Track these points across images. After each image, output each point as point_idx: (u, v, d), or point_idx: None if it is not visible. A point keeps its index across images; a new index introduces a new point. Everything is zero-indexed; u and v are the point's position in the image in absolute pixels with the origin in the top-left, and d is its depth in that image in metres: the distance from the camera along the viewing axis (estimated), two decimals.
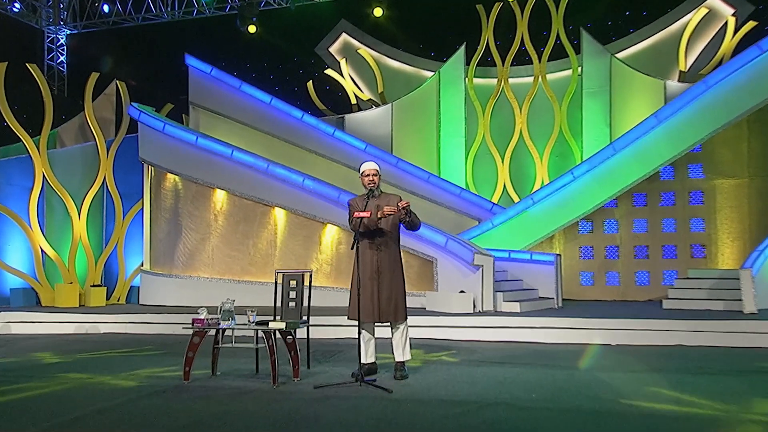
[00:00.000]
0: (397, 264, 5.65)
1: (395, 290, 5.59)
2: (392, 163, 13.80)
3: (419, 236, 10.95)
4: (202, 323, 5.31)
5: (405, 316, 5.67)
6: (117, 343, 8.24)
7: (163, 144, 12.02)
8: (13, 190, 11.93)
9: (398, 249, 5.71)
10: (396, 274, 5.62)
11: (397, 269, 5.63)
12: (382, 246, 5.57)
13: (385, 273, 5.58)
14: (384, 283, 5.56)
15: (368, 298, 5.57)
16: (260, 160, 11.61)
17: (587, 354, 7.14)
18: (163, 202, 12.16)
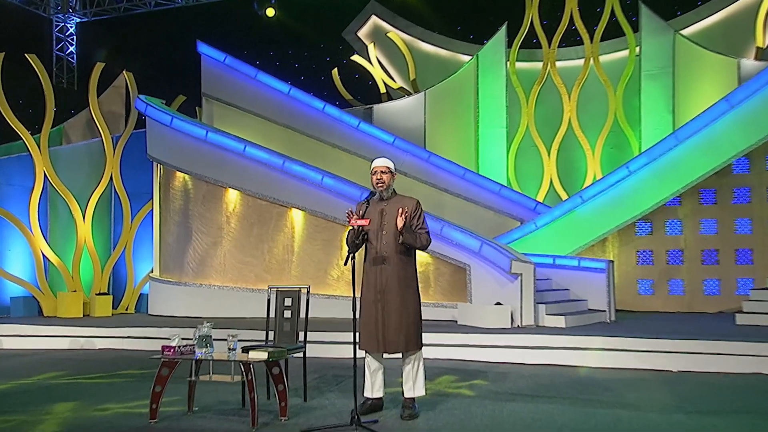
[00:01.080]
0: (408, 282, 4.95)
1: (406, 316, 4.91)
2: (423, 158, 13.13)
3: (450, 240, 10.27)
4: (171, 352, 4.77)
5: (419, 345, 5.00)
6: (107, 363, 7.83)
7: (172, 140, 11.64)
8: (13, 190, 11.72)
9: (412, 263, 5.00)
10: (407, 296, 4.92)
11: (408, 289, 4.94)
12: (388, 260, 4.88)
13: (392, 294, 4.90)
14: (391, 307, 4.89)
15: (372, 324, 4.93)
16: (276, 156, 11.11)
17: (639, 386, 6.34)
18: (172, 203, 11.78)
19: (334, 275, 11.03)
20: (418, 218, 4.98)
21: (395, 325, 4.87)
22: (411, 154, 13.13)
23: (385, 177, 5.00)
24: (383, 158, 5.09)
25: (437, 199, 13.02)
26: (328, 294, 10.89)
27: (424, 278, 10.61)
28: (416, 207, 5.03)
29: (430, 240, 5.01)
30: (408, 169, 13.11)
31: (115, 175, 12.47)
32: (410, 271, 4.98)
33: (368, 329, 4.94)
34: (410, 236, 4.83)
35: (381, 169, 5.01)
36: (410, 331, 4.90)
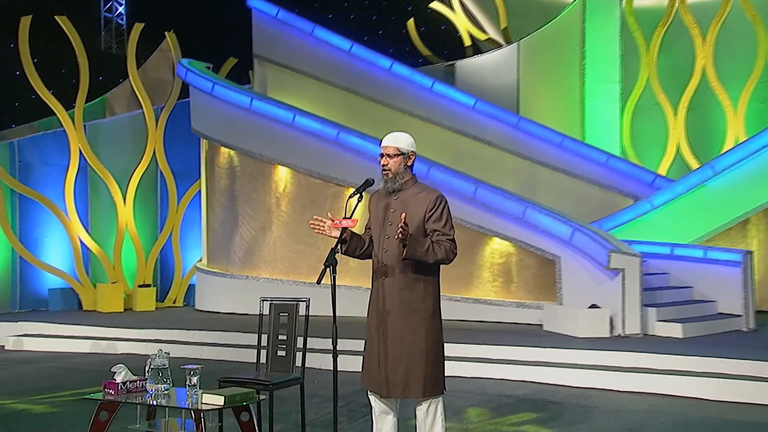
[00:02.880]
0: (415, 305, 3.96)
1: (408, 350, 3.94)
2: (511, 123, 11.93)
3: (536, 226, 9.18)
4: (114, 391, 4.11)
5: (428, 391, 4.02)
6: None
7: (214, 110, 11.16)
8: (50, 171, 11.67)
9: (424, 279, 3.99)
10: (413, 323, 3.94)
11: (413, 314, 3.95)
12: (390, 273, 3.96)
13: (393, 320, 3.95)
14: (390, 337, 3.96)
15: (373, 357, 4.04)
16: (329, 127, 10.36)
17: None
18: (218, 183, 11.35)
19: None
20: (437, 220, 3.93)
21: (394, 362, 3.95)
22: (496, 119, 11.98)
23: (393, 162, 4.00)
24: (395, 134, 4.10)
25: (529, 173, 11.84)
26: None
27: (504, 271, 9.61)
28: (436, 204, 3.97)
29: (455, 251, 3.94)
30: (493, 137, 11.99)
31: (159, 152, 12.18)
32: (419, 290, 3.97)
33: (369, 363, 4.06)
34: (417, 248, 3.82)
35: (390, 150, 4.03)
36: (414, 372, 3.93)
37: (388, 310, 3.96)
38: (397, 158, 4.02)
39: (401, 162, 4.03)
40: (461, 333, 8.51)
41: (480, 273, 9.79)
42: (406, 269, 3.96)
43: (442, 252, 3.87)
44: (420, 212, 3.94)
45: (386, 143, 4.06)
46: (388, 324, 3.97)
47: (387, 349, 3.97)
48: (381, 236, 4.06)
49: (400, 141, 4.04)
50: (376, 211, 4.13)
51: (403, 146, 4.03)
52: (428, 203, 3.95)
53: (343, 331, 4.30)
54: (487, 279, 9.76)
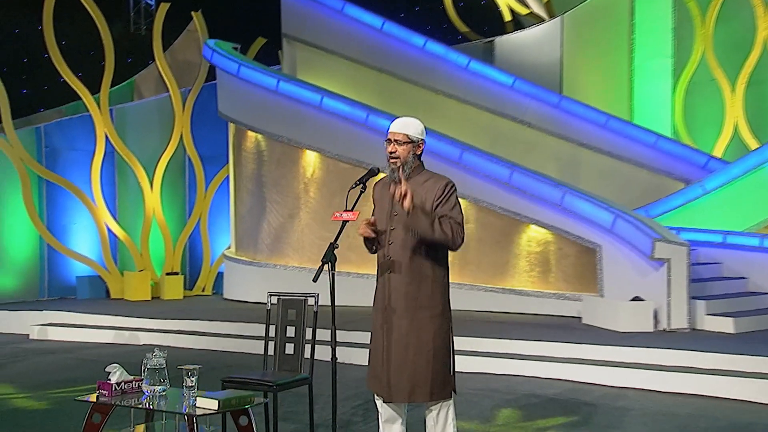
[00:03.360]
0: (422, 302, 3.79)
1: (415, 350, 3.77)
2: (552, 103, 11.56)
3: (575, 212, 8.88)
4: (108, 392, 4.02)
5: (436, 394, 3.85)
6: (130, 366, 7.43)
7: (240, 92, 11.07)
8: (77, 156, 11.75)
9: (432, 274, 3.81)
10: (419, 322, 3.78)
11: (421, 312, 3.78)
12: (395, 268, 3.79)
13: (399, 318, 3.79)
14: (395, 336, 3.79)
15: (378, 358, 3.88)
16: (359, 109, 10.18)
17: None
18: (245, 168, 11.29)
19: None
20: (445, 204, 3.76)
21: (398, 363, 3.78)
22: (536, 98, 11.62)
23: (402, 149, 3.81)
24: (404, 119, 3.90)
25: (571, 155, 11.48)
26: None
27: (542, 260, 9.33)
28: (444, 191, 3.79)
29: (462, 235, 3.73)
30: (533, 118, 11.65)
31: (186, 136, 12.16)
32: (427, 286, 3.79)
33: (374, 364, 3.91)
34: (423, 220, 3.64)
35: (395, 136, 3.84)
36: (420, 374, 3.75)
37: (393, 307, 3.79)
38: (406, 146, 3.83)
39: (410, 150, 3.85)
40: (494, 326, 8.29)
41: (516, 262, 9.52)
42: (413, 263, 3.78)
43: (448, 229, 3.69)
44: (428, 200, 3.76)
45: (395, 129, 3.86)
46: (393, 322, 3.80)
47: (391, 349, 3.81)
48: (387, 228, 3.87)
49: (410, 127, 3.85)
50: (380, 201, 3.94)
51: (413, 133, 3.85)
52: (437, 191, 3.79)
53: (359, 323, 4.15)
54: (523, 268, 9.49)
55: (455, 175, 9.56)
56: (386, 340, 3.82)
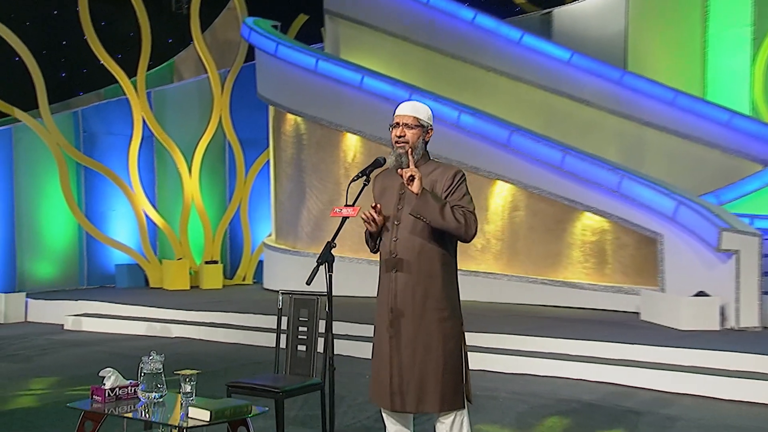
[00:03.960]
0: (434, 303, 3.55)
1: (424, 355, 3.54)
2: (614, 79, 11.04)
3: (634, 199, 8.47)
4: (102, 398, 3.91)
5: (450, 404, 3.61)
6: None
7: (279, 73, 10.94)
8: (115, 141, 11.84)
9: (443, 271, 3.57)
10: (430, 324, 3.54)
11: (432, 313, 3.55)
12: (402, 266, 3.55)
13: (407, 321, 3.55)
14: (404, 340, 3.57)
15: (382, 364, 3.64)
16: (401, 89, 9.93)
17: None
18: (284, 152, 11.17)
19: (477, 244, 9.73)
20: (455, 193, 3.55)
21: (407, 369, 3.54)
22: (596, 74, 11.11)
23: (411, 134, 3.56)
24: (413, 102, 3.67)
25: (635, 136, 10.97)
26: (469, 270, 9.65)
27: (597, 251, 8.95)
28: (454, 181, 3.56)
29: (475, 224, 3.53)
30: (592, 96, 11.16)
31: (225, 119, 12.11)
32: (437, 286, 3.54)
33: (377, 372, 3.68)
34: (433, 204, 3.40)
35: (406, 119, 3.56)
36: (429, 382, 3.51)
37: (400, 308, 3.56)
38: (416, 130, 3.58)
39: (420, 135, 3.60)
40: (543, 322, 7.96)
41: (569, 252, 9.15)
42: (421, 261, 3.55)
43: (460, 216, 3.45)
44: (437, 191, 3.53)
45: (403, 111, 3.62)
46: (401, 325, 3.57)
47: (400, 353, 3.58)
48: (392, 223, 3.63)
49: (420, 111, 3.61)
50: (383, 194, 3.70)
51: (423, 117, 3.61)
52: (446, 180, 3.55)
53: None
54: (577, 259, 9.11)
55: (503, 159, 9.40)
56: (394, 344, 3.60)
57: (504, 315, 8.49)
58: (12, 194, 10.87)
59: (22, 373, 7.00)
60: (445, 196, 3.54)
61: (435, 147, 10.05)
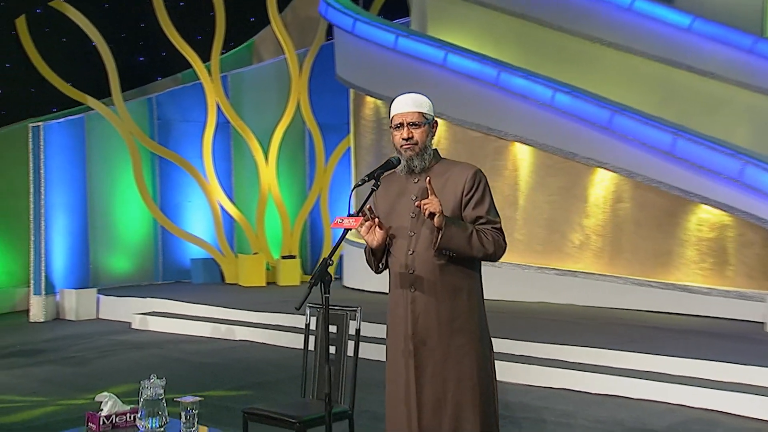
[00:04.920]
0: (462, 323, 3.21)
1: (457, 385, 3.20)
2: (743, 47, 10.03)
3: (760, 188, 7.66)
4: (96, 426, 3.71)
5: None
6: (211, 369, 7.29)
7: (357, 52, 10.62)
8: (190, 128, 11.85)
9: (468, 284, 3.25)
10: (459, 348, 3.20)
11: (460, 335, 3.20)
12: (421, 283, 3.20)
13: (432, 347, 3.20)
14: (427, 367, 3.20)
15: (399, 392, 3.28)
16: (489, 66, 9.43)
17: None
18: (364, 138, 10.87)
19: (574, 240, 9.13)
20: (479, 204, 3.21)
21: (437, 407, 3.20)
22: (722, 42, 10.14)
23: (419, 133, 3.24)
24: (412, 96, 3.27)
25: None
26: (565, 269, 9.10)
27: (717, 249, 8.21)
28: (475, 183, 3.22)
29: (504, 245, 3.22)
30: (718, 67, 10.19)
31: (303, 103, 11.92)
32: (462, 303, 3.22)
33: (394, 401, 3.31)
34: (456, 233, 3.09)
35: (408, 117, 3.23)
36: (465, 417, 3.18)
37: (421, 333, 3.21)
38: (423, 128, 3.26)
39: (427, 133, 3.29)
40: (647, 332, 7.31)
41: (682, 251, 8.39)
42: (444, 275, 3.22)
43: (489, 243, 3.16)
44: (454, 196, 3.21)
45: (405, 108, 3.26)
46: (423, 353, 3.22)
47: (423, 388, 3.22)
48: (405, 234, 3.26)
49: (423, 104, 3.28)
50: (388, 202, 3.35)
51: (428, 111, 3.29)
52: (464, 183, 3.22)
53: None
54: (691, 259, 8.35)
55: (604, 143, 8.73)
56: (415, 377, 3.23)
57: (602, 323, 7.86)
58: (85, 186, 11.05)
59: (69, 379, 7.02)
60: (466, 203, 3.20)
61: (525, 131, 9.60)
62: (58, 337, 9.14)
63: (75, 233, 10.88)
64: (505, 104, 9.36)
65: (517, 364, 6.54)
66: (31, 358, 8.00)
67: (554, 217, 9.24)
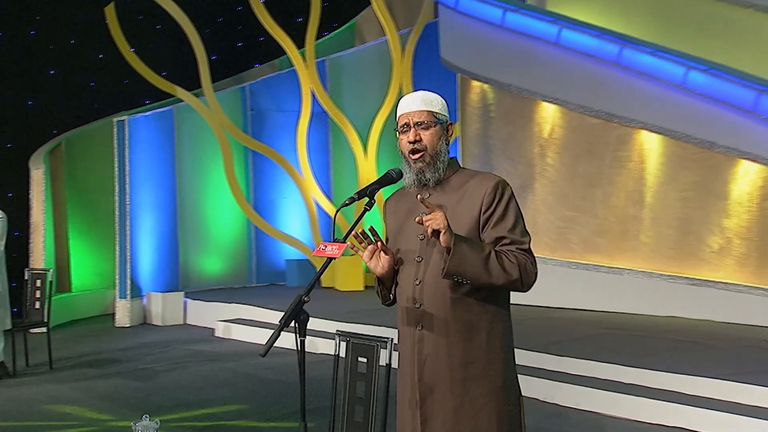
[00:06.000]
0: (482, 369, 2.80)
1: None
2: None
3: None
4: None
5: None
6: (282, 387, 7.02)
7: (462, 30, 10.12)
8: (285, 119, 11.68)
9: (493, 322, 2.82)
10: (479, 399, 2.79)
11: (481, 385, 2.79)
12: (430, 320, 2.82)
13: (442, 397, 2.82)
14: (437, 423, 2.82)
15: None
16: (608, 42, 8.74)
17: None
18: (470, 127, 10.36)
19: (712, 244, 8.30)
20: (500, 221, 2.77)
21: None
22: None
23: (428, 135, 2.82)
24: (419, 93, 2.87)
25: None
26: (700, 278, 8.29)
27: None
28: (496, 196, 2.77)
29: (535, 270, 2.75)
30: None
31: (407, 89, 11.51)
32: (480, 345, 2.79)
33: None
34: (471, 258, 2.65)
35: (416, 117, 2.82)
36: None
37: (429, 380, 2.83)
38: (433, 129, 2.83)
39: (440, 135, 2.84)
40: None
41: None
42: (456, 310, 2.79)
43: (513, 267, 2.70)
44: (470, 215, 2.79)
45: (411, 107, 2.85)
46: (431, 404, 2.82)
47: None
48: (412, 260, 2.85)
49: (433, 102, 2.86)
50: (398, 222, 2.95)
51: (438, 110, 2.86)
52: (482, 198, 2.78)
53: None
54: None
55: (749, 130, 7.82)
56: (422, 425, 2.84)
57: (745, 345, 6.99)
58: (174, 183, 11.08)
59: (129, 395, 6.89)
60: (485, 221, 2.74)
61: (653, 116, 8.81)
62: (136, 345, 9.16)
63: (163, 233, 10.93)
64: (630, 85, 8.64)
65: (622, 394, 5.87)
66: (100, 368, 8.00)
67: (688, 217, 8.40)
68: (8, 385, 7.35)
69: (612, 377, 6.17)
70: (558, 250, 9.31)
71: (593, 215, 9.06)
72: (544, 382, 6.30)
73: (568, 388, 6.15)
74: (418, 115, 2.81)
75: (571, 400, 6.07)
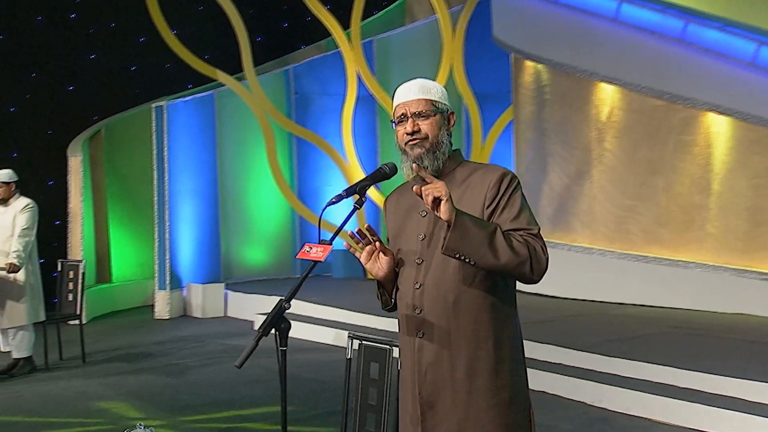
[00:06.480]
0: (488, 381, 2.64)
1: None
2: None
3: None
4: None
5: None
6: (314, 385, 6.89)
7: (515, 8, 9.90)
8: (329, 103, 11.52)
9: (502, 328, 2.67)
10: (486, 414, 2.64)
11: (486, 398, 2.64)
12: (431, 328, 2.68)
13: (443, 413, 2.67)
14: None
15: None
16: (672, 17, 8.43)
17: None
18: (524, 109, 10.09)
19: None
20: (505, 209, 2.63)
21: None
22: None
23: (427, 125, 2.70)
24: (417, 81, 2.75)
25: None
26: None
27: None
28: (501, 187, 2.64)
29: (546, 254, 2.57)
30: None
31: (457, 69, 11.27)
32: (485, 356, 2.64)
33: None
34: (475, 233, 2.48)
35: (414, 107, 2.70)
36: None
37: (430, 393, 2.68)
38: (433, 118, 2.71)
39: (439, 125, 2.72)
40: None
41: None
42: (459, 318, 2.63)
43: (521, 246, 2.53)
44: (474, 207, 2.64)
45: (408, 96, 2.73)
46: (432, 420, 2.68)
47: None
48: (413, 262, 2.70)
49: (431, 90, 2.74)
50: (398, 221, 2.83)
51: (439, 98, 2.73)
52: (487, 188, 2.65)
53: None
54: None
55: None
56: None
57: None
58: (215, 170, 11.03)
59: (157, 391, 6.86)
60: (489, 214, 2.60)
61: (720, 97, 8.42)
62: (173, 338, 9.15)
63: (204, 222, 10.89)
64: (695, 64, 8.27)
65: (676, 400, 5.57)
66: (132, 363, 8.00)
67: (760, 206, 8.00)
68: (39, 380, 7.40)
69: (668, 381, 5.87)
70: (616, 241, 8.99)
71: (655, 204, 8.71)
72: (592, 384, 6.05)
73: (617, 391, 5.89)
74: (416, 104, 2.68)
75: (621, 404, 5.80)
